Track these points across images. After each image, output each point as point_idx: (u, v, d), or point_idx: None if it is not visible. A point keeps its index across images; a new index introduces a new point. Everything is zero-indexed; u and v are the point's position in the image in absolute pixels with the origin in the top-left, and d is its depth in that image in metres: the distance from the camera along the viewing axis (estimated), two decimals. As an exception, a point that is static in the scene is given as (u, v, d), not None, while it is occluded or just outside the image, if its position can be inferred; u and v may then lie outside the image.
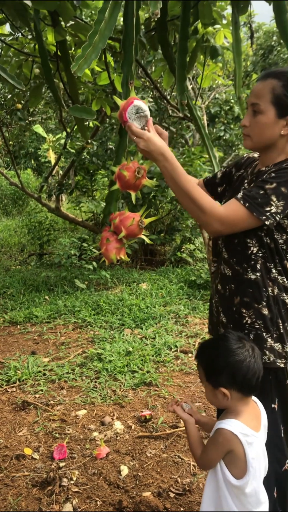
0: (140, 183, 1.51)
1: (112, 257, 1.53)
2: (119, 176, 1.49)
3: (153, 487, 2.40)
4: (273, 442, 1.64)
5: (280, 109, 1.54)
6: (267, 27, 11.85)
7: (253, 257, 1.60)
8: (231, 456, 1.40)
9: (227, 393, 1.41)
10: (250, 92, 1.63)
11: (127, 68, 1.53)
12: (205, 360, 1.49)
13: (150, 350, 4.00)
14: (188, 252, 6.75)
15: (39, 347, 4.31)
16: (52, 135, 12.21)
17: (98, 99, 3.34)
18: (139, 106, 1.43)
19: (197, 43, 2.73)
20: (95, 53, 1.36)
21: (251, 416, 1.46)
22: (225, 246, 1.67)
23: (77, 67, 1.33)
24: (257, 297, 1.61)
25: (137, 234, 1.54)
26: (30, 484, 2.45)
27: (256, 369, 1.41)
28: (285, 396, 1.70)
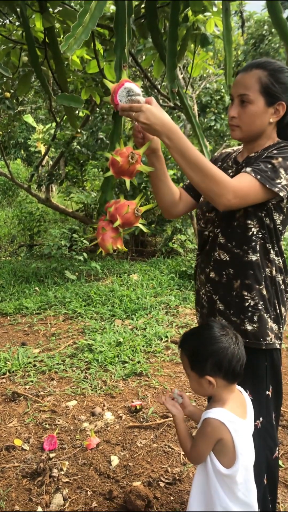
0: (134, 168, 1.47)
1: (109, 246, 1.48)
2: (113, 162, 1.45)
3: (143, 477, 2.41)
4: (265, 429, 1.65)
5: (269, 98, 1.58)
6: (258, 16, 11.77)
7: (254, 238, 1.60)
8: (220, 445, 1.40)
9: (213, 381, 1.41)
10: (234, 83, 1.64)
11: (121, 51, 1.49)
12: (189, 349, 1.48)
13: (140, 341, 4.00)
14: (179, 243, 6.74)
15: (29, 338, 4.30)
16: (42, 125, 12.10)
17: (87, 87, 3.29)
18: (130, 88, 1.39)
19: (187, 30, 2.69)
20: (85, 33, 1.32)
21: (236, 403, 1.47)
22: (222, 231, 1.66)
23: (67, 47, 1.29)
24: (258, 278, 1.62)
25: (134, 223, 1.49)
26: (20, 475, 2.45)
27: (240, 355, 1.42)
28: (278, 382, 1.72)
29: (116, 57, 1.46)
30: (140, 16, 2.50)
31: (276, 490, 1.80)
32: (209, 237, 1.72)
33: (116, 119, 1.53)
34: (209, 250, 1.72)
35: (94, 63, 2.94)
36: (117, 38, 1.46)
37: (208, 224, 1.73)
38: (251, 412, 1.52)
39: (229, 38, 2.19)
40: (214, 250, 1.69)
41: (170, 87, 1.99)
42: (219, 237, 1.67)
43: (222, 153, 1.91)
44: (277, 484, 1.80)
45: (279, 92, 1.59)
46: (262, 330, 1.62)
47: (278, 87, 1.58)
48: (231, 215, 1.62)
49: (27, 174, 13.00)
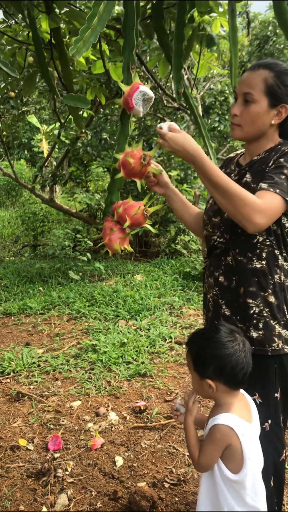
0: (146, 170, 1.48)
1: (116, 247, 1.49)
2: (124, 163, 1.45)
3: (148, 478, 2.41)
4: (273, 431, 1.65)
5: (273, 99, 1.58)
6: (262, 17, 11.75)
7: (259, 246, 1.60)
8: (228, 450, 1.39)
9: (213, 385, 1.40)
10: (240, 81, 1.64)
11: (129, 53, 1.49)
12: (194, 350, 1.47)
13: (144, 341, 4.00)
14: (182, 244, 6.74)
15: (34, 339, 4.30)
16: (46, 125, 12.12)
17: (93, 88, 3.30)
18: (145, 91, 1.42)
19: (193, 31, 2.70)
20: (94, 36, 1.33)
21: (241, 407, 1.45)
22: (229, 237, 1.65)
23: (76, 50, 1.30)
24: (263, 285, 1.60)
25: (142, 223, 1.50)
26: (25, 475, 2.45)
27: (245, 364, 1.40)
28: (286, 384, 1.71)
29: (124, 59, 1.46)
30: (146, 16, 2.50)
31: (282, 492, 1.80)
32: (219, 242, 1.71)
33: (124, 120, 1.53)
34: (220, 254, 1.69)
35: (100, 64, 2.95)
36: (125, 40, 1.46)
37: (215, 229, 1.71)
38: (256, 415, 1.51)
39: (234, 39, 2.20)
40: (226, 255, 1.67)
41: (175, 87, 1.99)
42: (228, 243, 1.66)
43: (225, 159, 1.92)
44: (283, 486, 1.79)
45: (283, 94, 1.59)
46: (268, 337, 1.61)
47: (283, 89, 1.58)
48: (235, 223, 1.61)
49: (31, 174, 13.02)
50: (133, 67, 1.45)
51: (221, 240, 1.69)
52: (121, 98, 1.45)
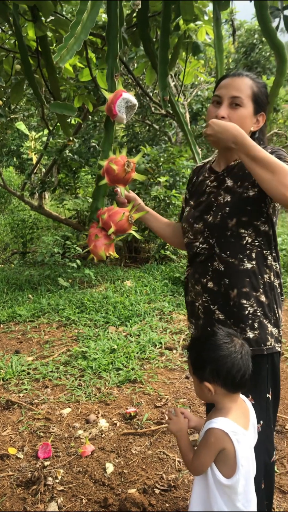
0: (130, 177, 1.49)
1: (102, 253, 1.50)
2: (108, 170, 1.46)
3: (138, 484, 2.40)
4: (264, 432, 1.66)
5: (256, 106, 1.65)
6: (248, 25, 11.89)
7: (248, 247, 1.62)
8: (222, 454, 1.39)
9: (211, 388, 1.41)
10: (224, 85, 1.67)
11: (112, 61, 1.51)
12: (192, 354, 1.48)
13: (134, 347, 4.00)
14: (172, 249, 6.76)
15: (23, 346, 4.28)
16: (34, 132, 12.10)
17: (80, 95, 3.31)
18: (128, 98, 1.42)
19: (178, 39, 2.72)
20: (78, 44, 1.34)
21: (239, 413, 1.45)
22: (216, 241, 1.67)
23: (60, 58, 1.31)
24: (255, 285, 1.63)
25: (127, 230, 1.51)
26: (14, 484, 2.43)
27: (242, 365, 1.40)
28: (277, 385, 1.73)
29: (108, 67, 1.47)
30: (132, 25, 2.52)
31: (272, 495, 1.81)
32: (202, 248, 1.72)
33: (108, 128, 1.54)
34: (205, 260, 1.70)
35: (87, 71, 2.96)
36: (109, 48, 1.48)
37: (198, 235, 1.72)
38: (253, 422, 1.51)
39: (220, 47, 2.22)
40: (212, 260, 1.68)
41: (161, 95, 2.01)
42: (215, 247, 1.67)
43: (194, 169, 1.95)
44: (273, 488, 1.80)
45: (263, 103, 1.67)
46: (263, 335, 1.63)
47: (263, 98, 1.67)
48: (224, 226, 1.62)
49: (20, 181, 12.98)
50: (117, 74, 1.46)
51: (204, 246, 1.70)
52: (105, 105, 1.47)
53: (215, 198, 1.69)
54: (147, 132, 8.67)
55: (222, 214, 1.63)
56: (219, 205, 1.66)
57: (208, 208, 1.71)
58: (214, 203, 1.68)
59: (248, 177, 1.61)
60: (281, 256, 6.08)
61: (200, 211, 1.73)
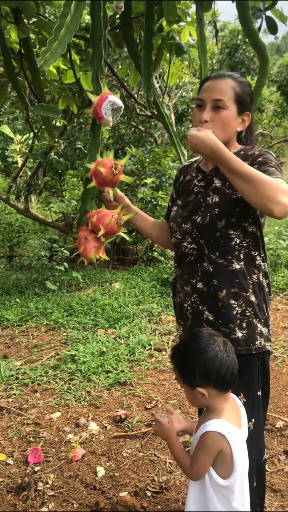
0: (117, 179, 1.49)
1: (92, 256, 1.49)
2: (96, 172, 1.46)
3: (130, 487, 2.39)
4: (256, 430, 1.66)
5: (240, 107, 1.66)
6: (232, 26, 11.97)
7: (237, 248, 1.62)
8: (218, 456, 1.38)
9: (204, 392, 1.40)
10: (206, 88, 1.67)
11: (97, 63, 1.50)
12: (178, 362, 1.47)
13: (123, 350, 3.99)
14: (159, 251, 6.76)
15: (11, 351, 4.25)
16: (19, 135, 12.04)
17: (64, 98, 3.30)
18: (114, 101, 1.42)
19: (162, 40, 2.73)
20: (62, 47, 1.34)
21: (232, 413, 1.45)
22: (205, 242, 1.66)
23: (44, 61, 1.30)
24: (244, 286, 1.63)
25: (117, 232, 1.51)
26: (4, 490, 2.41)
27: (229, 363, 1.40)
28: (267, 383, 1.75)
29: (93, 69, 1.47)
30: (115, 26, 2.52)
31: (264, 493, 1.81)
32: (190, 249, 1.71)
33: (94, 130, 1.54)
34: (194, 261, 1.70)
35: (71, 73, 2.95)
36: (93, 51, 1.47)
37: (186, 235, 1.72)
38: (245, 420, 1.51)
39: (203, 47, 2.22)
40: (202, 261, 1.68)
41: (146, 96, 2.01)
42: (204, 247, 1.67)
43: (181, 169, 1.95)
44: (265, 486, 1.81)
45: (247, 102, 1.68)
46: (252, 335, 1.63)
47: (247, 98, 1.67)
48: (213, 227, 1.62)
49: (5, 184, 12.88)
50: (102, 77, 1.46)
51: (192, 246, 1.70)
52: (91, 108, 1.46)
53: (203, 199, 1.69)
54: (132, 134, 8.68)
55: (211, 215, 1.63)
56: (208, 205, 1.66)
57: (196, 209, 1.70)
58: (202, 203, 1.68)
59: None
60: (268, 256, 6.12)
61: (188, 211, 1.73)
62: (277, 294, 5.30)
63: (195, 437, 1.47)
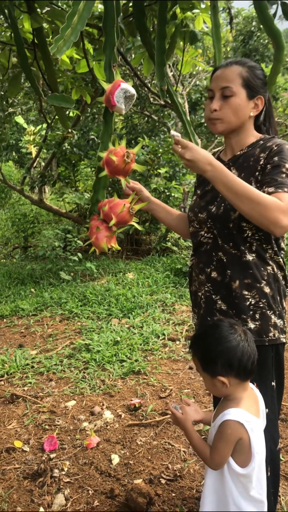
0: (129, 168, 1.49)
1: (103, 245, 1.49)
2: (108, 161, 1.46)
3: (144, 474, 2.42)
4: (270, 420, 1.66)
5: (250, 91, 1.65)
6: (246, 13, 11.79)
7: (249, 240, 1.62)
8: (237, 445, 1.39)
9: (225, 381, 1.40)
10: (214, 78, 1.69)
11: (110, 51, 1.49)
12: (199, 351, 1.46)
13: (137, 339, 4.01)
14: (173, 241, 6.75)
15: (27, 340, 4.30)
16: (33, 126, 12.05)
17: (77, 87, 3.29)
18: (126, 88, 1.42)
19: (175, 28, 2.69)
20: (74, 35, 1.33)
21: (250, 402, 1.46)
22: (218, 233, 1.66)
23: (56, 49, 1.30)
24: (258, 277, 1.62)
25: (128, 221, 1.51)
26: (21, 476, 2.45)
27: (250, 352, 1.40)
28: (282, 373, 1.75)
29: (106, 57, 1.46)
30: (128, 14, 2.50)
31: (278, 483, 1.82)
32: (206, 238, 1.72)
33: (107, 119, 1.53)
34: (210, 250, 1.70)
35: (84, 63, 2.94)
36: (106, 38, 1.46)
37: (202, 225, 1.73)
38: (263, 410, 1.51)
39: (218, 35, 2.20)
40: (217, 250, 1.68)
41: (159, 85, 1.99)
42: (218, 238, 1.67)
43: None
44: (279, 476, 1.81)
45: (258, 86, 1.66)
46: (265, 327, 1.63)
47: (257, 82, 1.66)
48: (226, 217, 1.62)
49: (20, 176, 12.95)
50: (115, 65, 1.45)
51: (208, 235, 1.71)
52: (104, 96, 1.46)
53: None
54: (145, 124, 8.63)
55: (225, 205, 1.63)
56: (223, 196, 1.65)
57: (213, 199, 1.71)
58: (218, 194, 1.68)
59: (252, 170, 1.61)
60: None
61: (206, 201, 1.74)
62: (292, 284, 5.27)
63: (213, 425, 1.47)
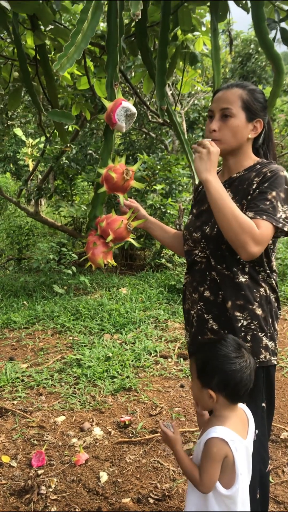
0: (128, 185, 1.50)
1: (100, 261, 1.50)
2: (107, 178, 1.47)
3: (132, 493, 2.39)
4: (259, 441, 1.66)
5: (249, 114, 1.67)
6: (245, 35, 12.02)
7: (241, 261, 1.63)
8: (222, 463, 1.38)
9: (214, 396, 1.40)
10: (215, 99, 1.72)
11: (112, 70, 1.52)
12: (201, 358, 1.46)
13: (129, 355, 3.99)
14: (167, 257, 6.76)
15: (17, 353, 4.26)
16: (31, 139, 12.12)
17: (78, 103, 3.33)
18: (127, 107, 1.44)
19: (176, 49, 2.74)
20: (78, 53, 1.36)
21: (237, 421, 1.45)
22: (211, 253, 1.68)
23: (60, 66, 1.32)
24: (250, 299, 1.63)
25: (125, 237, 1.52)
26: (7, 492, 2.41)
27: (248, 381, 1.40)
28: (272, 394, 1.74)
29: (108, 76, 1.49)
30: (130, 34, 2.54)
31: (268, 505, 1.80)
32: (200, 257, 1.73)
33: (107, 136, 1.56)
34: (204, 269, 1.71)
35: (85, 80, 2.98)
36: (109, 57, 1.49)
37: (196, 244, 1.74)
38: (252, 431, 1.50)
39: (217, 57, 2.24)
40: (210, 270, 1.69)
41: (159, 104, 2.02)
42: (210, 258, 1.68)
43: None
44: (268, 498, 1.80)
45: (258, 109, 1.69)
46: (256, 349, 1.63)
47: (257, 105, 1.69)
48: (220, 239, 1.63)
49: (16, 187, 12.98)
50: (117, 83, 1.47)
51: (202, 255, 1.72)
52: (105, 113, 1.48)
53: None
54: (143, 140, 8.71)
55: (218, 227, 1.65)
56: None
57: (207, 219, 1.73)
58: (212, 214, 1.69)
59: (245, 193, 1.63)
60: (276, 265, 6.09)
61: (201, 222, 1.75)
62: (285, 304, 5.28)
63: (199, 442, 1.46)
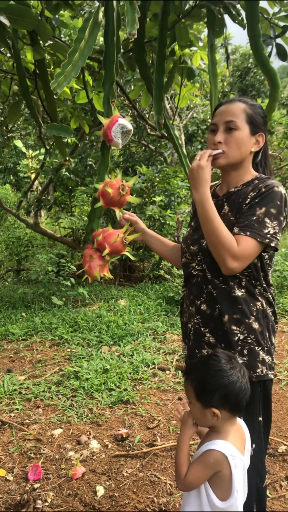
0: (124, 200, 1.53)
1: (96, 274, 1.52)
2: (103, 193, 1.50)
3: (129, 508, 2.37)
4: (256, 456, 1.65)
5: (253, 127, 1.69)
6: (243, 50, 12.16)
7: (238, 275, 1.63)
8: (216, 477, 1.38)
9: (218, 413, 1.39)
10: (218, 113, 1.73)
11: (109, 87, 1.55)
12: (196, 380, 1.45)
13: (127, 368, 3.98)
14: (166, 269, 6.77)
15: (15, 365, 4.25)
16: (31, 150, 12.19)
17: (76, 117, 3.36)
18: (123, 124, 1.47)
19: (174, 64, 2.78)
20: (75, 71, 1.38)
21: (237, 437, 1.45)
22: (207, 267, 1.68)
23: (57, 84, 1.35)
24: (247, 313, 1.63)
25: (121, 251, 1.54)
26: (3, 506, 2.39)
27: (246, 390, 1.41)
28: (269, 409, 1.74)
29: (105, 92, 1.51)
30: (129, 49, 2.58)
31: (263, 520, 1.79)
32: (197, 270, 1.73)
33: (104, 152, 1.58)
34: (200, 282, 1.71)
35: (84, 94, 3.01)
36: (105, 74, 1.52)
37: (193, 257, 1.75)
38: (248, 448, 1.50)
39: (214, 72, 2.28)
40: (207, 283, 1.69)
41: (156, 119, 2.05)
42: (207, 272, 1.69)
43: None
44: (265, 512, 1.78)
45: (260, 123, 1.71)
46: (253, 363, 1.63)
47: (259, 120, 1.71)
48: None
49: (16, 199, 13.03)
50: (113, 100, 1.50)
51: (199, 268, 1.72)
52: (101, 130, 1.50)
53: None
54: (143, 152, 8.77)
55: None
56: None
57: None
58: None
59: (239, 208, 1.64)
60: (274, 277, 6.10)
61: (199, 235, 1.76)
62: (283, 316, 5.28)
63: (197, 453, 1.46)
